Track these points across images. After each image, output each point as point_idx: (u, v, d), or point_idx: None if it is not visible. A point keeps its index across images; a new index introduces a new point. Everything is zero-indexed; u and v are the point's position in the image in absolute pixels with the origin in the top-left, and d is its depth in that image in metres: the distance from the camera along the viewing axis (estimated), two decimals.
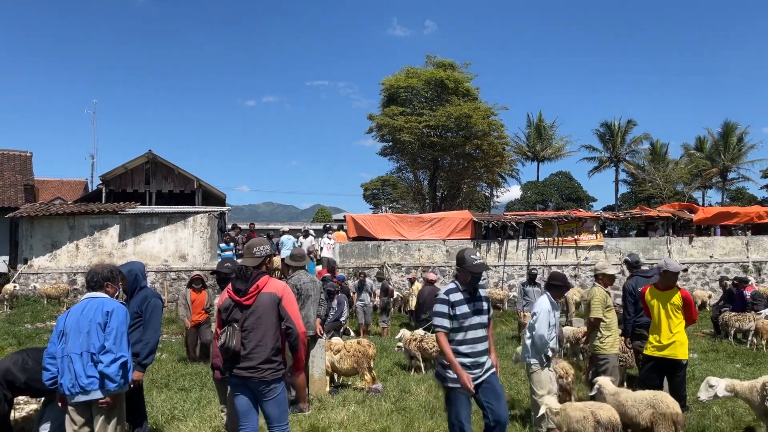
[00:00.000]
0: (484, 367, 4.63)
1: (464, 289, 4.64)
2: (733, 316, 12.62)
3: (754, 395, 5.36)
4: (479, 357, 4.59)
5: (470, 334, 4.55)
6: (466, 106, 29.06)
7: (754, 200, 46.23)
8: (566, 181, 53.21)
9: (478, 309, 4.63)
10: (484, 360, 4.62)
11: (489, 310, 4.80)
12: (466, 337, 4.55)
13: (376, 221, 20.45)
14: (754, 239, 20.26)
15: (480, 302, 4.67)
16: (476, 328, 4.58)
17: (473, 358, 4.55)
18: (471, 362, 4.54)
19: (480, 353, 4.59)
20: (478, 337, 4.59)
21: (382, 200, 55.00)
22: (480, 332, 4.61)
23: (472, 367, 4.53)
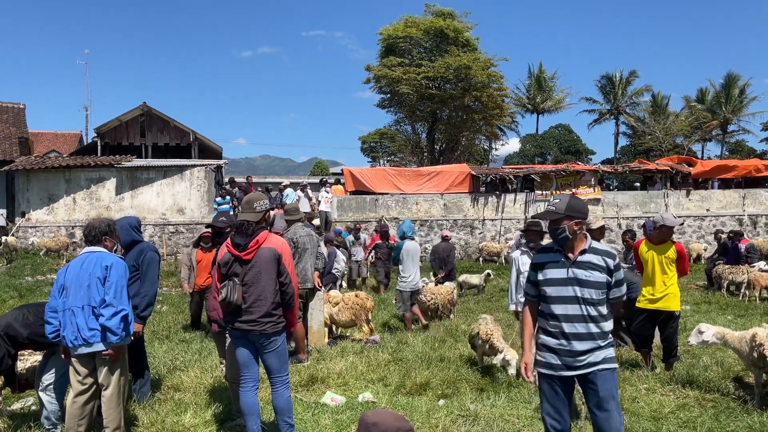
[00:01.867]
0: (581, 358, 3.45)
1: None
2: (727, 269, 12.78)
3: (743, 345, 5.47)
4: (571, 342, 3.46)
5: (559, 308, 3.52)
6: (466, 57, 28.53)
7: (754, 153, 46.05)
8: (565, 134, 52.71)
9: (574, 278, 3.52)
10: (584, 347, 3.45)
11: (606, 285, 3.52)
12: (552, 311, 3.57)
13: (374, 175, 20.39)
14: (750, 193, 20.30)
15: (581, 269, 3.50)
16: (569, 302, 3.50)
17: (559, 341, 3.51)
18: (557, 345, 3.52)
19: (576, 336, 3.46)
20: (570, 315, 3.49)
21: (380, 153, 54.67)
22: (572, 308, 3.49)
23: (560, 352, 3.50)
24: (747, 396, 5.50)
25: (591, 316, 3.46)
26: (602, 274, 3.48)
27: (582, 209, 3.56)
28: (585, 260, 3.51)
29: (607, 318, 3.53)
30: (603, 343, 3.48)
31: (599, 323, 3.49)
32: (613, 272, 3.51)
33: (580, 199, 3.70)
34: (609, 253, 3.56)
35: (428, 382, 6.06)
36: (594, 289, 3.47)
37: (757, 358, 5.27)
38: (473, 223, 19.36)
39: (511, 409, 5.27)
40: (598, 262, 3.49)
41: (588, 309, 3.46)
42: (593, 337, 3.46)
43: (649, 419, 5.01)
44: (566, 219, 3.49)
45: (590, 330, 3.46)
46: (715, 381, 6.03)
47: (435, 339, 8.22)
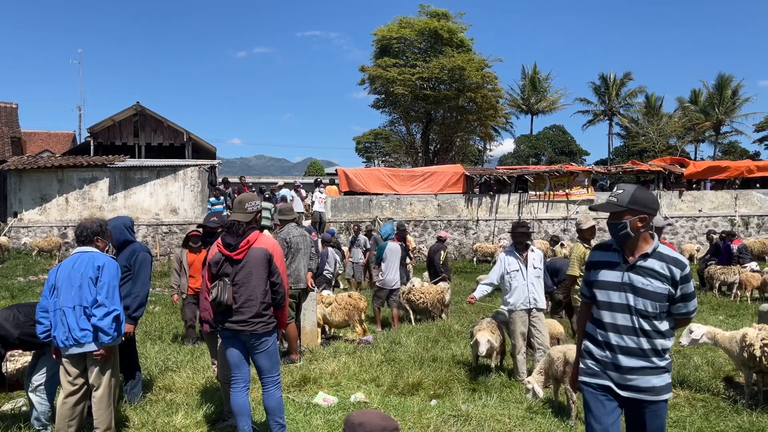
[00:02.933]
0: (628, 377, 2.96)
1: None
2: (718, 269, 12.84)
3: (733, 346, 5.51)
4: (622, 357, 2.97)
5: (608, 316, 3.06)
6: (460, 58, 28.58)
7: (746, 154, 46.35)
8: (560, 135, 52.95)
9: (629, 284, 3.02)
10: (633, 364, 2.95)
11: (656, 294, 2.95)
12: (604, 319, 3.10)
13: (368, 175, 20.40)
14: (742, 193, 20.42)
15: (639, 276, 2.99)
16: (619, 310, 3.02)
17: (604, 352, 3.06)
18: (601, 356, 3.07)
19: (625, 350, 2.98)
20: (619, 325, 3.01)
21: (375, 153, 54.73)
22: (622, 318, 3.00)
23: (606, 364, 3.04)
24: (737, 396, 5.55)
25: (644, 330, 2.94)
26: (664, 284, 2.92)
27: (649, 203, 3.00)
28: (646, 265, 2.97)
29: (666, 335, 2.98)
30: (657, 363, 2.94)
31: (653, 339, 2.94)
32: (679, 284, 2.93)
33: (648, 191, 3.16)
34: (678, 262, 2.95)
35: (420, 383, 6.07)
36: (651, 300, 2.93)
37: (747, 358, 5.31)
38: (467, 224, 19.40)
39: (503, 409, 5.28)
40: (661, 270, 2.93)
41: (640, 321, 2.94)
42: (645, 354, 2.93)
43: None
44: (629, 213, 2.97)
45: (641, 345, 2.94)
46: (706, 381, 6.08)
47: (428, 339, 8.24)
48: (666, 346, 2.98)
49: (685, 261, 2.98)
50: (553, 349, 5.55)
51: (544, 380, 5.44)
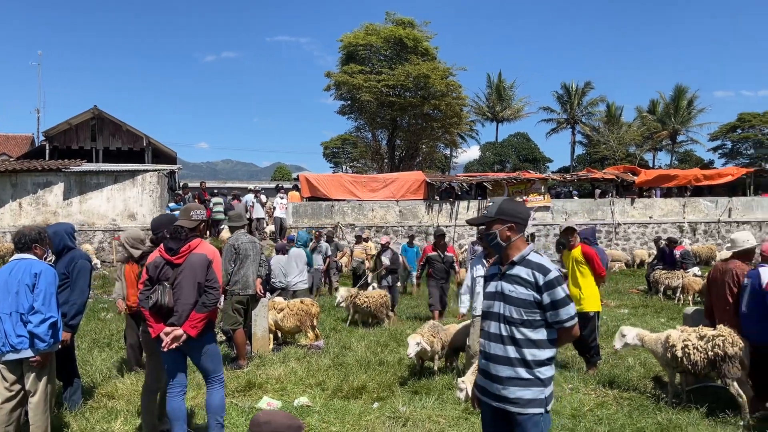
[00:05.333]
0: (496, 386, 2.99)
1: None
2: (663, 274, 13.37)
3: (658, 347, 5.81)
4: (492, 365, 3.02)
5: (486, 325, 3.13)
6: (425, 66, 28.96)
7: (701, 162, 47.97)
8: (524, 142, 53.94)
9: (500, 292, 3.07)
10: (501, 373, 2.96)
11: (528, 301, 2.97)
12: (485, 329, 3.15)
13: (329, 181, 20.50)
14: (690, 201, 21.19)
15: (508, 283, 3.04)
16: (493, 319, 3.07)
17: (484, 361, 3.11)
18: (482, 365, 3.13)
19: (493, 359, 3.02)
20: (491, 333, 3.06)
21: (343, 159, 54.80)
22: (494, 326, 3.04)
23: (485, 376, 3.09)
24: (662, 394, 5.84)
25: (512, 338, 2.93)
26: (529, 290, 2.93)
27: (516, 212, 3.07)
28: (513, 273, 3.00)
29: (539, 345, 2.93)
30: (522, 374, 2.90)
31: (522, 348, 2.91)
32: (543, 290, 2.91)
33: (516, 201, 3.28)
34: (542, 268, 2.94)
35: (365, 386, 6.22)
36: (516, 306, 2.94)
37: (671, 358, 5.61)
38: (428, 230, 19.65)
39: (440, 410, 5.47)
40: (527, 277, 2.94)
41: (509, 329, 2.94)
42: (511, 363, 2.92)
43: (569, 417, 5.28)
44: (498, 223, 3.04)
45: (507, 354, 2.93)
46: (635, 381, 6.38)
47: (378, 344, 8.40)
48: (538, 357, 2.91)
49: (550, 267, 2.95)
50: None
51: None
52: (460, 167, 51.61)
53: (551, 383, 2.97)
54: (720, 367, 5.20)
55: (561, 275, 3.00)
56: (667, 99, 49.42)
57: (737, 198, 21.68)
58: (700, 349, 5.34)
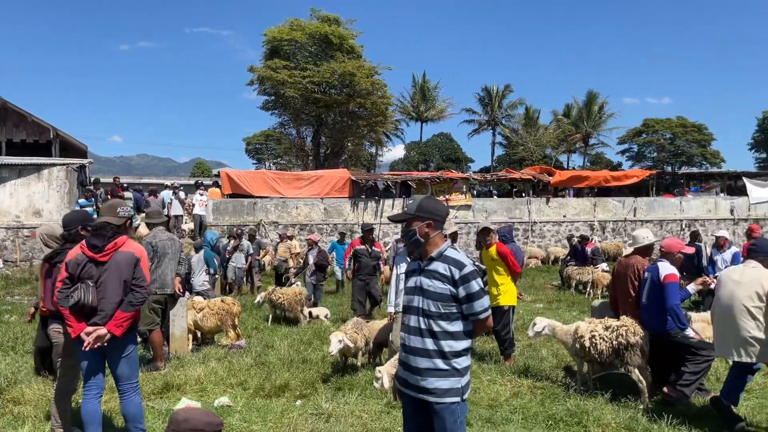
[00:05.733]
0: (416, 377, 3.09)
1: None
2: (575, 270, 14.12)
3: (568, 337, 6.15)
4: (411, 357, 3.14)
5: (406, 319, 3.24)
6: (351, 64, 28.99)
7: (611, 164, 50.95)
8: (447, 142, 55.07)
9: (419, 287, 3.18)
10: (420, 365, 3.07)
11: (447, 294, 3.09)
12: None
13: (252, 178, 20.10)
14: (600, 201, 22.51)
15: (426, 278, 3.15)
16: (413, 313, 3.17)
17: (405, 354, 3.22)
18: (403, 357, 3.25)
19: (412, 351, 3.13)
20: (410, 326, 3.17)
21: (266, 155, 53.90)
22: (414, 320, 3.15)
23: (405, 368, 3.20)
24: (572, 382, 6.18)
25: (430, 330, 3.04)
26: (445, 284, 3.04)
27: (435, 210, 3.16)
28: (431, 268, 3.11)
29: (456, 337, 3.04)
30: (440, 365, 3.01)
31: (440, 340, 3.03)
32: (459, 284, 3.03)
33: (435, 200, 3.37)
34: (457, 263, 3.07)
35: (287, 384, 6.19)
36: (434, 300, 3.05)
37: (579, 348, 5.95)
38: (353, 228, 19.70)
39: (363, 405, 5.53)
40: (444, 272, 3.06)
41: (428, 322, 3.05)
42: (429, 354, 3.03)
43: (486, 407, 5.49)
44: (417, 220, 3.13)
45: (426, 346, 3.04)
46: (548, 371, 6.71)
47: (302, 342, 8.37)
48: (455, 349, 3.03)
49: (465, 263, 3.09)
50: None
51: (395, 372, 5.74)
52: (385, 166, 52.13)
53: (467, 373, 3.11)
54: (623, 356, 5.57)
55: (476, 270, 3.13)
56: (581, 104, 52.19)
57: (641, 198, 23.24)
58: (605, 339, 5.69)
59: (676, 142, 50.55)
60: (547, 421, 5.05)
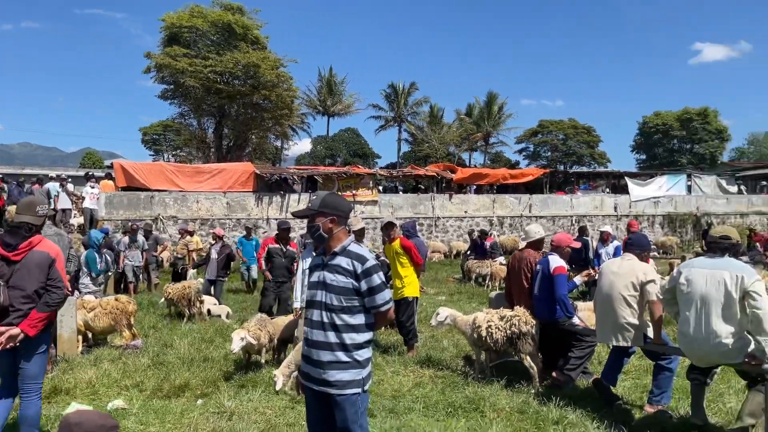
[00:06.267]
0: (318, 370, 3.14)
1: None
2: (475, 263, 14.73)
3: (467, 327, 6.43)
4: (314, 351, 3.18)
5: (309, 313, 3.29)
6: (255, 55, 28.30)
7: (509, 163, 53.48)
8: (354, 138, 55.36)
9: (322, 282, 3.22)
10: (323, 358, 3.13)
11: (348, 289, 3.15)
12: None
13: (149, 170, 19.15)
14: (499, 197, 23.62)
15: (330, 272, 3.20)
16: (316, 307, 3.23)
17: (308, 348, 3.26)
18: (306, 352, 3.29)
19: (315, 345, 3.18)
20: (313, 321, 3.22)
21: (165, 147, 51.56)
22: (317, 314, 3.19)
23: (308, 362, 3.24)
24: (470, 371, 6.47)
25: (333, 324, 3.10)
26: (348, 278, 3.11)
27: (338, 206, 3.24)
28: (334, 263, 3.17)
29: (357, 330, 3.12)
30: (342, 357, 3.08)
31: (342, 333, 3.09)
32: (361, 278, 3.10)
33: (339, 196, 3.45)
34: (360, 257, 3.14)
35: (188, 384, 6.02)
36: (336, 294, 3.11)
37: (477, 337, 6.24)
38: (257, 222, 19.35)
39: (267, 401, 5.49)
40: (347, 266, 3.13)
41: (330, 316, 3.11)
42: (331, 347, 3.09)
43: (390, 398, 5.62)
44: (320, 216, 3.20)
45: (328, 339, 3.10)
46: (448, 360, 6.98)
47: (203, 340, 8.14)
48: (356, 341, 3.11)
49: (367, 257, 3.16)
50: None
51: (290, 371, 5.74)
52: (291, 159, 51.55)
53: (368, 364, 3.19)
54: (516, 344, 5.91)
55: (378, 264, 3.22)
56: (482, 104, 54.27)
57: (536, 195, 24.61)
58: (500, 328, 6.01)
59: (568, 142, 53.83)
60: (447, 409, 5.26)
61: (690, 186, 27.53)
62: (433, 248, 20.08)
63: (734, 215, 26.76)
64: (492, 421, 4.87)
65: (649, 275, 4.97)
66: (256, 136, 33.77)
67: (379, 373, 6.38)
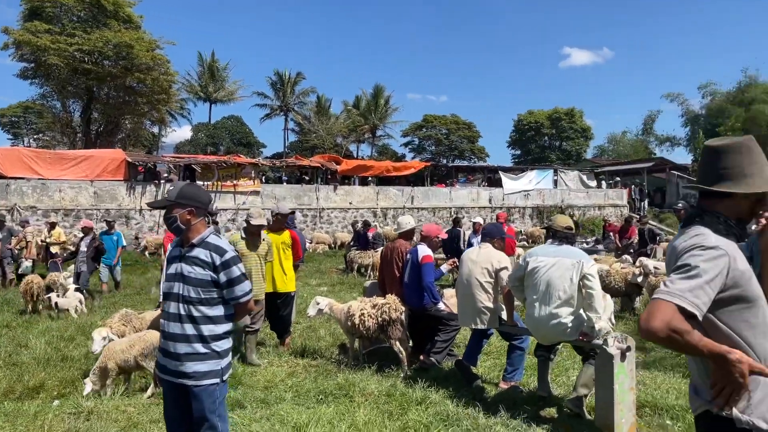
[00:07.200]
0: (175, 363, 3.13)
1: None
2: (357, 254, 14.98)
3: (342, 316, 6.58)
4: (171, 343, 3.17)
5: (166, 306, 3.27)
6: (128, 35, 26.61)
7: (396, 155, 54.67)
8: (238, 126, 53.71)
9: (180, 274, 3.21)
10: (179, 350, 3.12)
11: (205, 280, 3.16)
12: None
13: (4, 156, 17.42)
14: (382, 189, 24.15)
15: (187, 264, 3.19)
16: (173, 299, 3.21)
17: (164, 341, 3.23)
18: (163, 345, 3.26)
19: (172, 337, 3.16)
20: (170, 313, 3.20)
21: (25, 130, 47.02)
22: (174, 306, 3.18)
23: (165, 354, 3.21)
24: (345, 359, 6.63)
25: (190, 316, 3.10)
26: (206, 270, 3.11)
27: (196, 197, 3.22)
28: (192, 254, 3.15)
29: (216, 321, 3.14)
30: (199, 349, 3.09)
31: (200, 325, 3.10)
32: (220, 270, 3.11)
33: (198, 186, 3.40)
34: (219, 249, 3.14)
35: (43, 385, 5.69)
36: (194, 286, 3.10)
37: (351, 325, 6.40)
38: (129, 213, 18.28)
39: (129, 399, 5.29)
40: (205, 258, 3.12)
41: (188, 308, 3.10)
42: (188, 339, 3.09)
43: (262, 389, 5.63)
44: (178, 207, 3.16)
45: (185, 331, 3.09)
46: (323, 350, 7.10)
47: (62, 338, 7.62)
48: (215, 332, 3.13)
49: (227, 248, 3.17)
50: (113, 344, 5.66)
51: (99, 377, 5.54)
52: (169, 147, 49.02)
53: (228, 355, 3.21)
54: (386, 330, 6.15)
55: (237, 255, 3.24)
56: (369, 96, 54.92)
57: (418, 188, 25.46)
58: (372, 316, 6.22)
59: (451, 137, 56.07)
60: (318, 396, 5.36)
61: (556, 180, 29.83)
62: (317, 239, 20.13)
63: (593, 207, 29.41)
64: (360, 404, 5.05)
65: (502, 263, 5.39)
66: (130, 121, 31.83)
67: (252, 367, 6.36)
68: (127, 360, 5.47)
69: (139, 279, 14.06)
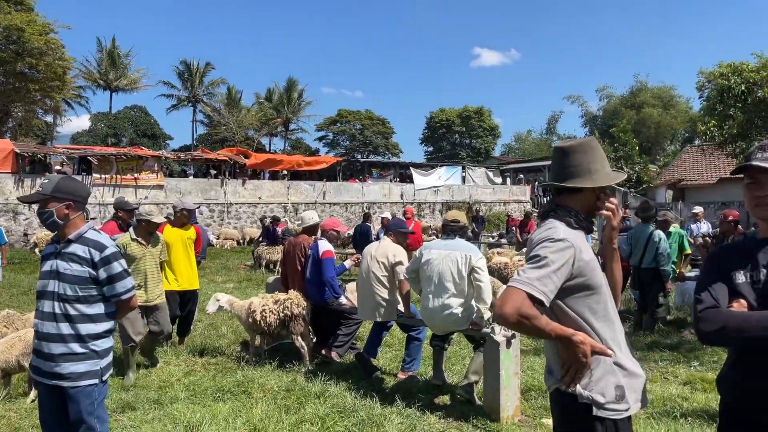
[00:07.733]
0: (51, 364, 2.99)
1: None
2: (266, 249, 14.78)
3: (243, 312, 6.49)
4: (45, 344, 3.02)
5: (39, 304, 3.10)
6: (18, 17, 24.65)
7: (309, 150, 54.24)
8: (142, 116, 51.18)
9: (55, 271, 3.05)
10: (54, 351, 2.98)
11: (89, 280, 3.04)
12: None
13: None
14: (293, 184, 23.92)
15: (63, 261, 3.04)
16: (47, 298, 3.05)
17: (38, 341, 3.08)
18: (36, 346, 3.11)
19: (46, 338, 3.02)
20: (45, 312, 3.04)
21: None
22: (48, 305, 3.03)
23: (39, 355, 3.07)
24: (246, 355, 6.56)
25: (67, 315, 2.98)
26: (84, 267, 2.99)
27: (74, 191, 3.07)
28: (68, 251, 3.02)
29: (95, 320, 3.04)
30: (76, 349, 2.98)
31: (77, 324, 2.99)
32: (99, 266, 3.01)
33: (75, 180, 3.25)
34: (98, 245, 3.03)
35: None
36: (70, 283, 2.98)
37: (252, 322, 6.33)
38: (17, 208, 16.99)
39: (12, 404, 5.01)
40: (83, 254, 3.00)
41: (63, 306, 2.98)
42: (64, 339, 2.97)
43: (156, 390, 5.46)
44: (54, 201, 3.00)
45: (61, 331, 2.97)
46: (224, 347, 6.98)
47: None
48: (94, 331, 3.03)
49: (107, 244, 3.07)
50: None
51: None
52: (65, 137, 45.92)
53: (108, 354, 3.11)
54: (288, 325, 6.15)
55: (118, 251, 3.14)
56: (282, 89, 54.10)
57: (330, 183, 25.43)
58: (274, 311, 6.19)
59: (365, 132, 56.40)
60: (215, 394, 5.28)
61: (464, 177, 30.82)
62: (225, 235, 19.66)
63: (498, 203, 30.67)
64: (258, 400, 5.03)
65: (398, 257, 5.54)
66: (21, 109, 29.52)
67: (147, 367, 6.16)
68: (9, 361, 5.13)
69: (27, 278, 13.14)
